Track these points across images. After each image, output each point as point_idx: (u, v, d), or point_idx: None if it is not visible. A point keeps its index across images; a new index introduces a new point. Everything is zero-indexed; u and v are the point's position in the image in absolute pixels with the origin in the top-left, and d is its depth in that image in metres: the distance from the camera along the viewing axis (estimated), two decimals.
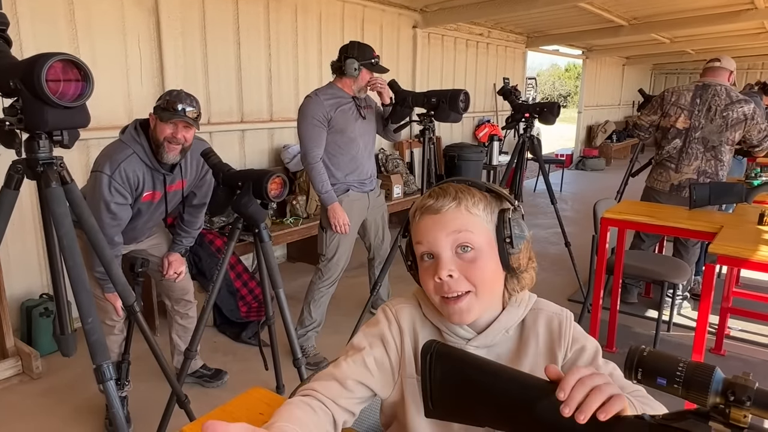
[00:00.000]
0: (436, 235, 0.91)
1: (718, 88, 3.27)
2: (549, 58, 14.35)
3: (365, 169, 2.93)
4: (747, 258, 2.19)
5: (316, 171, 2.73)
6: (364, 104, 2.88)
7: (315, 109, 2.71)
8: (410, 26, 5.77)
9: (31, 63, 1.20)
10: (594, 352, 0.95)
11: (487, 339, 0.96)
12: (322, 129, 2.73)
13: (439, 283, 0.91)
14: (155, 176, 2.18)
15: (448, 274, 0.90)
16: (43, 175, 1.36)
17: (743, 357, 3.04)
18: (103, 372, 1.38)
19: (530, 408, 0.73)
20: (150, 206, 2.25)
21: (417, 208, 0.96)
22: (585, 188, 8.09)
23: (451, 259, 0.91)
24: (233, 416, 0.99)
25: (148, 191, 2.17)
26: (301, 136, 2.76)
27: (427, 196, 0.95)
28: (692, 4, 5.85)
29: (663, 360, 0.64)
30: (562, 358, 0.95)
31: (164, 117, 2.06)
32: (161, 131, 2.08)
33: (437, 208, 0.92)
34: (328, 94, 2.76)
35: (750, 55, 11.19)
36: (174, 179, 2.25)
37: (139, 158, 2.10)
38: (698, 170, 3.31)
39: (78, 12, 3.11)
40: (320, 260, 2.91)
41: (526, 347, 0.96)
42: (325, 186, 2.75)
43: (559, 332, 0.95)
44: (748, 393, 0.58)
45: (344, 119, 2.77)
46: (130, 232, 2.29)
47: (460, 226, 0.91)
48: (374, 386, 0.96)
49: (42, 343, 2.93)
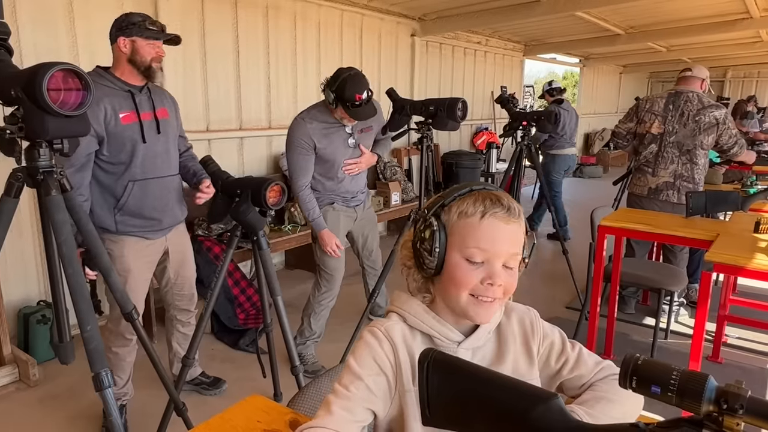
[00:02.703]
0: (500, 248, 0.92)
1: (690, 94, 3.38)
2: (546, 66, 14.40)
3: (352, 189, 2.87)
4: (743, 266, 2.20)
5: (302, 200, 2.70)
6: (360, 126, 2.76)
7: (300, 136, 2.63)
8: (409, 34, 5.81)
9: (33, 72, 1.21)
10: (561, 342, 1.04)
11: (475, 341, 0.98)
12: (308, 156, 2.65)
13: (483, 287, 0.92)
14: (123, 96, 2.11)
15: (499, 284, 0.92)
16: (43, 183, 1.37)
17: (740, 365, 3.04)
18: (102, 379, 1.38)
19: (526, 415, 0.74)
20: (133, 129, 2.11)
21: (483, 211, 0.91)
22: (582, 196, 8.11)
23: (502, 270, 0.93)
24: (231, 424, 0.99)
25: (122, 113, 2.08)
26: (288, 163, 2.73)
27: (495, 201, 0.92)
28: (688, 14, 5.89)
29: (657, 369, 0.65)
30: (536, 353, 1.02)
31: (148, 35, 2.05)
32: (147, 52, 2.07)
33: (506, 219, 0.92)
34: (316, 119, 2.65)
35: (746, 63, 11.28)
36: (151, 104, 2.18)
37: (100, 84, 2.02)
38: (675, 174, 3.39)
39: (78, 21, 3.13)
40: (317, 271, 2.91)
41: (506, 346, 1.01)
42: (313, 213, 2.71)
43: (531, 329, 1.02)
44: (741, 401, 0.59)
45: (332, 148, 2.68)
46: (139, 167, 2.15)
47: (518, 247, 0.94)
48: (378, 408, 0.96)
49: (39, 350, 2.93)
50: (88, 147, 2.04)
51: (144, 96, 2.17)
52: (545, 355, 1.03)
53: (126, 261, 2.21)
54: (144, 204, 2.21)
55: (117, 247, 2.20)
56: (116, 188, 2.16)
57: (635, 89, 12.22)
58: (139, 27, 2.05)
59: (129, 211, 2.19)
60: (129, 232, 2.22)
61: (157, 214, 2.26)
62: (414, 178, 5.68)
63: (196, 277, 2.58)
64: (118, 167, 2.15)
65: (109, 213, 2.17)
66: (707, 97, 3.39)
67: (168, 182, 2.29)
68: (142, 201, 2.20)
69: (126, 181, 2.15)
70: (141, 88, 2.16)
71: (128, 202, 2.18)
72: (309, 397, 1.23)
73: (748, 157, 3.59)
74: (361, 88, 2.51)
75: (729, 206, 2.93)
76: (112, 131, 2.08)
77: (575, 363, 1.02)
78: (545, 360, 1.03)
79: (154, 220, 2.26)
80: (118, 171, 2.15)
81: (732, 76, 12.82)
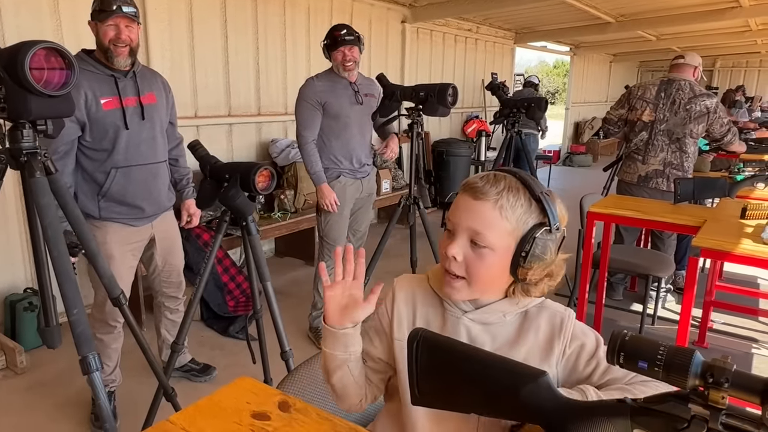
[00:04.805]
0: (461, 220, 0.95)
1: (682, 82, 3.38)
2: (537, 55, 14.44)
3: (358, 156, 2.94)
4: (729, 251, 2.22)
5: (306, 152, 2.81)
6: (365, 91, 2.92)
7: (308, 93, 2.80)
8: (399, 21, 5.77)
9: (15, 51, 1.19)
10: (594, 346, 0.98)
11: (482, 316, 0.99)
12: (315, 111, 2.79)
13: (444, 256, 0.97)
14: (105, 81, 2.06)
15: (453, 256, 0.95)
16: (27, 165, 1.34)
17: (726, 349, 3.09)
18: (89, 363, 1.37)
19: (516, 393, 0.74)
20: (115, 115, 2.07)
21: (464, 183, 0.98)
22: (572, 184, 8.14)
23: (464, 245, 0.95)
24: (220, 405, 0.99)
25: (104, 99, 2.04)
26: (296, 117, 2.85)
27: (480, 176, 0.97)
28: (678, 2, 5.90)
29: (644, 344, 0.65)
30: (560, 352, 0.97)
31: (102, 17, 1.98)
32: (104, 35, 2.00)
33: (476, 195, 0.94)
34: (324, 79, 2.84)
35: (735, 53, 11.34)
36: (136, 89, 2.13)
37: (81, 68, 1.92)
38: (664, 161, 3.41)
39: (62, 3, 3.07)
40: (322, 243, 3.00)
41: (525, 337, 0.99)
42: (315, 167, 2.81)
43: (560, 328, 0.98)
44: (726, 375, 0.60)
45: (338, 103, 2.81)
46: (122, 154, 2.12)
47: (484, 224, 0.93)
48: (376, 342, 1.08)
49: (26, 337, 2.90)
50: (70, 133, 2.00)
51: (129, 81, 2.12)
52: (573, 357, 0.97)
53: (109, 247, 2.17)
54: (128, 191, 2.17)
55: (100, 233, 2.16)
56: (99, 175, 2.12)
57: (625, 78, 12.24)
58: (94, 10, 2.01)
59: (112, 197, 2.15)
60: (113, 219, 2.18)
61: (141, 202, 2.22)
62: (404, 166, 5.67)
63: (184, 264, 2.56)
64: (100, 154, 2.11)
65: (92, 199, 2.14)
66: (699, 86, 3.40)
67: (153, 169, 2.25)
68: (126, 188, 2.17)
69: (109, 168, 2.12)
70: (127, 72, 2.11)
71: (111, 189, 2.14)
72: (299, 380, 1.23)
73: (741, 147, 3.61)
74: (341, 27, 2.78)
75: (716, 193, 2.96)
76: (93, 117, 2.03)
77: (607, 368, 0.95)
78: (574, 362, 0.98)
79: (138, 208, 2.22)
80: (101, 157, 2.11)
81: (721, 65, 12.89)
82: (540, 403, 0.73)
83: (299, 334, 3.17)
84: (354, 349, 1.02)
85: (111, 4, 1.97)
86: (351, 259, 1.00)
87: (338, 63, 2.79)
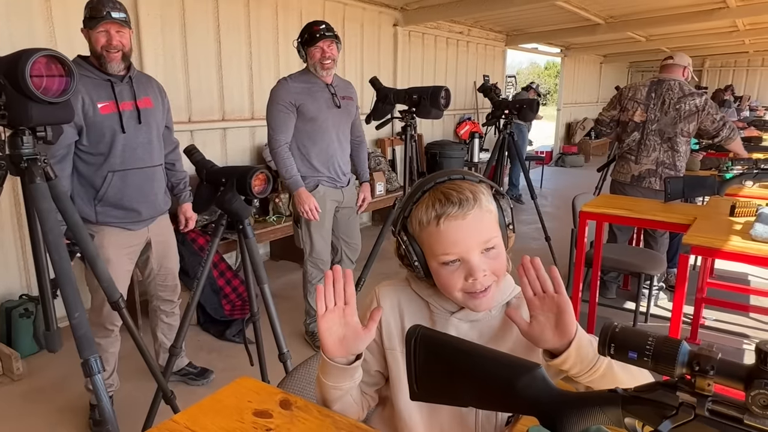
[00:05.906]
0: (469, 245, 0.92)
1: (671, 82, 3.42)
2: (529, 57, 14.51)
3: (338, 163, 2.82)
4: (719, 248, 2.26)
5: (279, 156, 2.66)
6: (342, 93, 2.78)
7: (282, 94, 2.64)
8: (391, 24, 5.80)
9: (15, 58, 1.20)
10: None
11: (469, 314, 1.00)
12: (288, 114, 2.64)
13: (469, 284, 0.93)
14: (101, 86, 2.08)
15: (483, 274, 0.93)
16: (27, 171, 1.36)
17: (717, 345, 3.12)
18: (91, 366, 1.38)
19: (512, 385, 0.77)
20: (111, 119, 2.08)
21: (436, 216, 0.92)
22: (564, 184, 8.20)
23: (481, 260, 0.93)
24: (223, 404, 1.01)
25: (100, 103, 2.07)
26: (267, 120, 2.70)
27: (444, 201, 0.92)
28: (666, 3, 5.97)
29: (634, 335, 0.68)
30: None
31: (93, 24, 2.00)
32: (96, 42, 2.03)
33: (462, 215, 0.91)
34: (299, 80, 2.68)
35: (723, 53, 11.46)
36: (132, 94, 2.15)
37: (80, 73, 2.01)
38: (657, 161, 3.45)
39: (55, 9, 3.08)
40: (304, 256, 2.92)
41: (510, 330, 1.01)
42: (290, 171, 2.66)
43: None
44: (712, 363, 0.62)
45: (315, 106, 2.67)
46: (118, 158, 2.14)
47: (488, 232, 0.94)
48: (368, 357, 1.04)
49: (22, 344, 2.90)
50: (68, 137, 2.01)
51: (125, 85, 2.14)
52: None
53: (105, 251, 2.18)
54: (124, 195, 2.19)
55: (97, 238, 2.17)
56: (96, 179, 2.14)
57: (615, 79, 12.34)
58: (85, 18, 2.03)
59: (109, 201, 2.17)
60: (109, 223, 2.20)
61: (137, 205, 2.24)
62: (398, 168, 5.70)
63: (179, 268, 2.58)
64: (97, 158, 2.12)
65: (89, 203, 2.15)
66: (688, 86, 3.44)
67: (149, 173, 2.26)
68: (122, 192, 2.18)
69: (105, 172, 2.13)
70: (123, 77, 2.13)
71: (108, 193, 2.16)
72: (298, 380, 1.25)
73: (742, 150, 3.62)
74: (319, 23, 2.62)
75: (706, 191, 3.00)
76: (90, 121, 2.05)
77: None
78: None
79: (135, 211, 2.24)
80: (97, 161, 2.13)
81: (710, 65, 13.02)
82: (535, 394, 0.76)
83: (295, 336, 3.19)
84: (359, 375, 0.99)
85: (100, 11, 1.99)
86: (340, 278, 0.93)
87: (316, 61, 2.63)
